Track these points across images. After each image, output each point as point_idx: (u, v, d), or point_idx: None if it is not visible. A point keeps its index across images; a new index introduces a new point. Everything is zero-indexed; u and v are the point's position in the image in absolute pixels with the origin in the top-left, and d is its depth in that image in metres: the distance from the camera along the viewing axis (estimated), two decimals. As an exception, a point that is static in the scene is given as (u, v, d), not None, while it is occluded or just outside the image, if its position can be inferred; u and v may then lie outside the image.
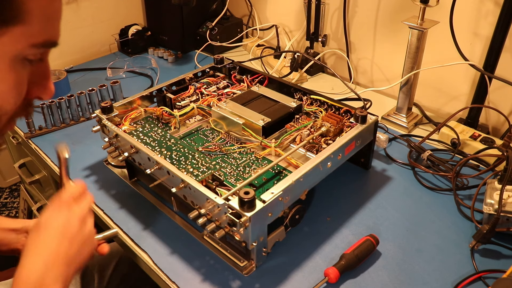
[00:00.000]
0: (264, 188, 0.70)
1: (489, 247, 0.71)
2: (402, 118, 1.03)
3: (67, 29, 1.36)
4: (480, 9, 0.95)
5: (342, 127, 0.82)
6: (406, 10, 1.05)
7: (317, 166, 0.70)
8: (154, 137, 0.82)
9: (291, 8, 1.35)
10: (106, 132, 0.83)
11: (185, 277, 0.67)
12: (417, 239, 0.73)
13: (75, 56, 1.40)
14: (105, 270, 0.95)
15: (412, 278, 0.67)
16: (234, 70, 1.03)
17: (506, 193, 0.70)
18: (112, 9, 1.44)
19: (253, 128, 0.81)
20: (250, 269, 0.67)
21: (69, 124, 1.06)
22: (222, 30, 1.40)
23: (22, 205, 1.57)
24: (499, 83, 0.93)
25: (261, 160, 0.78)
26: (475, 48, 0.99)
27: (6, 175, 2.06)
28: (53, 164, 0.94)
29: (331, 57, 1.32)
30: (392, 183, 0.86)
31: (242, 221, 0.59)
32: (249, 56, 1.39)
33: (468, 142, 0.92)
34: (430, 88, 1.10)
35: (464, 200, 0.80)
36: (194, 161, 0.74)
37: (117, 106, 0.87)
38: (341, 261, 0.67)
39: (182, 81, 0.98)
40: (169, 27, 1.43)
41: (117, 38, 1.44)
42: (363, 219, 0.77)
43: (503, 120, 1.00)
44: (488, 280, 0.66)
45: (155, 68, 1.34)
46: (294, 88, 0.93)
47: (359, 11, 1.18)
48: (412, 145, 0.91)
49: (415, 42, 0.93)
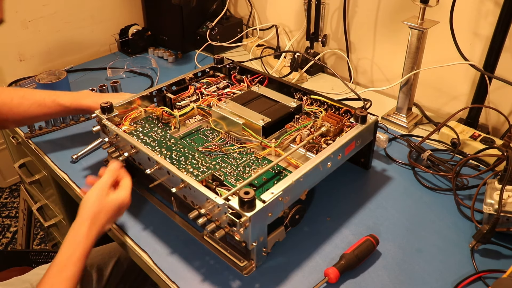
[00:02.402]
0: (264, 188, 0.70)
1: (489, 247, 0.71)
2: (402, 118, 1.03)
3: (67, 29, 1.36)
4: (480, 9, 0.95)
5: (342, 127, 0.82)
6: (406, 10, 1.05)
7: (317, 166, 0.70)
8: (154, 137, 0.82)
9: (291, 8, 1.35)
10: (106, 132, 0.83)
11: (185, 277, 0.67)
12: (417, 239, 0.73)
13: (75, 56, 1.40)
14: (104, 270, 0.95)
15: (412, 278, 0.67)
16: (234, 70, 1.03)
17: (506, 193, 0.70)
18: (112, 9, 1.44)
19: (253, 128, 0.81)
20: (250, 269, 0.67)
21: (69, 124, 1.06)
22: (222, 30, 1.40)
23: (22, 205, 1.57)
24: (499, 83, 0.93)
25: (261, 160, 0.78)
26: (475, 48, 0.99)
27: (6, 175, 2.06)
28: (53, 164, 0.94)
29: (331, 57, 1.32)
30: (392, 183, 0.86)
31: (242, 221, 0.59)
32: (249, 56, 1.39)
33: (468, 142, 0.92)
34: (430, 88, 1.10)
35: (464, 200, 0.80)
36: (194, 161, 0.74)
37: (117, 106, 0.86)
38: (341, 261, 0.67)
39: (182, 81, 0.98)
40: (169, 27, 1.43)
41: (117, 38, 1.44)
42: (363, 219, 0.77)
43: (503, 120, 1.00)
44: (488, 280, 0.66)
45: (155, 68, 1.34)
46: (294, 88, 0.93)
47: (359, 11, 1.19)
48: (412, 145, 0.91)
49: (415, 42, 0.93)
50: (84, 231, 0.64)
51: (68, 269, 0.61)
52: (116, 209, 0.69)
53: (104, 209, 0.67)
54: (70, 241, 0.64)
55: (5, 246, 1.81)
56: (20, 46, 1.28)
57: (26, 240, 1.58)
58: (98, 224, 0.66)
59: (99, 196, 0.67)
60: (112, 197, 0.69)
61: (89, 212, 0.66)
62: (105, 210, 0.67)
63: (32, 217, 1.59)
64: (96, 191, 0.68)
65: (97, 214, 0.66)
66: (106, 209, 0.67)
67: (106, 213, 0.67)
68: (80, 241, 0.64)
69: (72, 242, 0.64)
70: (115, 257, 0.98)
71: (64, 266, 0.62)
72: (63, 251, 0.63)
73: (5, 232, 1.88)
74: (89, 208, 0.66)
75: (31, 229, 1.60)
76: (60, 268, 0.62)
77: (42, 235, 1.83)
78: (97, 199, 0.67)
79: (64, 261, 0.62)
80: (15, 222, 1.92)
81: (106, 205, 0.68)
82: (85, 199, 0.68)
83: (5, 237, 1.86)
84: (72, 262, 0.62)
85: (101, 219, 0.67)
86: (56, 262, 0.62)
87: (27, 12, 1.25)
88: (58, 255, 0.63)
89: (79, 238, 0.64)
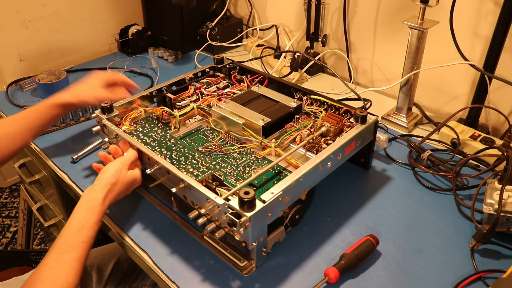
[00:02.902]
0: (264, 188, 0.70)
1: (489, 247, 0.71)
2: (402, 118, 1.03)
3: (67, 29, 1.36)
4: (480, 9, 0.95)
5: (342, 127, 0.82)
6: (406, 10, 1.05)
7: (317, 166, 0.70)
8: (154, 137, 0.82)
9: (291, 8, 1.35)
10: (106, 132, 0.83)
11: (185, 277, 0.67)
12: (417, 239, 0.73)
13: (75, 56, 1.40)
14: (104, 270, 0.95)
15: (412, 278, 0.67)
16: (234, 70, 1.03)
17: (506, 193, 0.70)
18: (112, 9, 1.44)
19: (253, 128, 0.81)
20: (250, 269, 0.67)
21: (69, 124, 1.06)
22: (222, 30, 1.40)
23: (22, 205, 1.57)
24: (499, 83, 0.93)
25: (261, 160, 0.78)
26: (475, 48, 0.99)
27: (6, 175, 2.06)
28: (53, 164, 0.94)
29: (331, 57, 1.32)
30: (392, 183, 0.86)
31: (242, 221, 0.59)
32: (249, 56, 1.39)
33: (468, 142, 0.92)
34: (430, 88, 1.10)
35: (464, 200, 0.80)
36: (194, 161, 0.74)
37: (117, 106, 0.87)
38: (341, 261, 0.67)
39: (182, 81, 0.98)
40: (169, 27, 1.43)
41: (117, 38, 1.44)
42: (363, 219, 0.77)
43: (503, 120, 1.00)
44: (488, 280, 0.66)
45: (155, 68, 1.34)
46: (294, 88, 0.93)
47: (359, 11, 1.18)
48: (412, 145, 0.91)
49: (415, 42, 0.93)
50: (100, 198, 0.69)
51: (85, 232, 0.65)
52: (129, 184, 0.74)
53: (119, 181, 0.72)
54: (84, 206, 0.68)
55: (5, 246, 1.81)
56: (20, 46, 1.28)
57: (26, 240, 1.58)
58: (113, 193, 0.71)
59: (119, 168, 0.73)
60: (128, 173, 0.74)
61: (107, 180, 0.71)
62: (120, 183, 0.72)
63: (32, 217, 1.59)
64: (117, 164, 0.73)
65: (114, 185, 0.71)
66: (122, 181, 0.72)
67: (121, 186, 0.72)
68: (95, 207, 0.68)
69: (87, 207, 0.68)
70: (115, 257, 0.98)
71: (80, 230, 0.65)
72: (78, 215, 0.67)
73: (5, 232, 1.88)
74: (108, 177, 0.71)
75: (31, 229, 1.60)
76: (77, 231, 0.65)
77: (42, 235, 1.83)
78: (117, 171, 0.72)
79: (80, 225, 0.66)
80: (15, 222, 1.92)
81: (122, 178, 0.73)
82: (105, 169, 0.73)
83: (5, 237, 1.86)
84: (89, 226, 0.66)
85: (116, 190, 0.72)
86: (71, 225, 0.66)
87: (27, 12, 1.25)
88: (74, 219, 0.67)
89: (94, 203, 0.68)
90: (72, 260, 0.62)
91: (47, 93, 1.17)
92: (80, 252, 0.63)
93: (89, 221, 0.66)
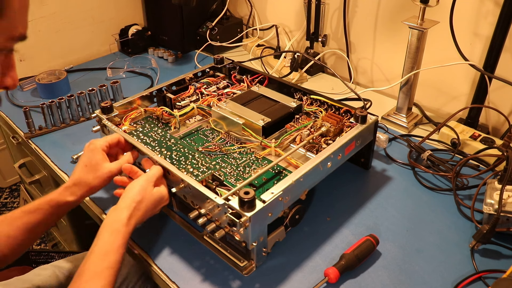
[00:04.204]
0: (264, 188, 0.70)
1: (489, 247, 0.71)
2: (402, 118, 1.03)
3: (67, 29, 1.36)
4: (480, 9, 0.95)
5: (342, 127, 0.82)
6: (406, 10, 1.05)
7: (317, 166, 0.70)
8: (154, 137, 0.82)
9: (291, 8, 1.35)
10: (106, 132, 0.83)
11: (185, 277, 0.67)
12: (417, 239, 0.73)
13: (75, 56, 1.40)
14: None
15: (412, 278, 0.67)
16: (234, 70, 1.03)
17: (506, 193, 0.70)
18: (112, 9, 1.44)
19: (253, 128, 0.81)
20: (250, 269, 0.67)
21: (69, 124, 1.06)
22: (222, 30, 1.40)
23: (22, 205, 1.57)
24: (499, 83, 0.93)
25: (261, 160, 0.78)
26: (475, 48, 0.99)
27: (6, 175, 2.06)
28: (53, 164, 0.94)
29: (331, 57, 1.32)
30: (392, 183, 0.86)
31: (242, 221, 0.59)
32: (249, 56, 1.39)
33: (468, 142, 0.92)
34: (430, 88, 1.10)
35: (464, 200, 0.80)
36: (194, 161, 0.74)
37: (117, 106, 0.87)
38: (341, 261, 0.67)
39: (182, 81, 0.98)
40: (169, 27, 1.43)
41: (117, 38, 1.44)
42: (363, 219, 0.77)
43: (503, 120, 1.00)
44: (488, 280, 0.66)
45: (155, 68, 1.34)
46: (294, 88, 0.93)
47: (359, 11, 1.18)
48: (412, 145, 0.91)
49: (415, 42, 0.93)
50: (124, 218, 0.64)
51: (110, 256, 0.61)
52: (156, 202, 0.69)
53: (145, 199, 0.67)
54: (108, 229, 0.64)
55: (5, 246, 1.81)
56: (20, 46, 1.28)
57: (26, 240, 1.58)
58: (139, 213, 0.67)
59: (144, 186, 0.68)
60: (155, 190, 0.69)
61: (132, 198, 0.66)
62: (146, 201, 0.67)
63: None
64: (142, 181, 0.69)
65: (139, 203, 0.67)
66: (148, 199, 0.68)
67: (147, 204, 0.68)
68: (120, 228, 0.64)
69: (112, 229, 0.64)
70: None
71: (105, 254, 0.61)
72: (102, 239, 0.63)
73: (5, 232, 1.88)
74: (133, 195, 0.67)
75: (31, 229, 1.60)
76: (102, 256, 0.61)
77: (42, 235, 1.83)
78: (142, 189, 0.67)
79: (105, 249, 0.62)
80: (15, 222, 1.92)
81: (148, 195, 0.68)
82: (130, 187, 0.68)
83: (5, 237, 1.85)
84: (114, 250, 0.62)
85: (142, 208, 0.67)
86: (97, 250, 0.62)
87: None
88: (98, 242, 0.63)
89: (118, 224, 0.64)
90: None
91: (47, 93, 1.17)
92: (106, 279, 0.59)
93: (114, 245, 0.62)
